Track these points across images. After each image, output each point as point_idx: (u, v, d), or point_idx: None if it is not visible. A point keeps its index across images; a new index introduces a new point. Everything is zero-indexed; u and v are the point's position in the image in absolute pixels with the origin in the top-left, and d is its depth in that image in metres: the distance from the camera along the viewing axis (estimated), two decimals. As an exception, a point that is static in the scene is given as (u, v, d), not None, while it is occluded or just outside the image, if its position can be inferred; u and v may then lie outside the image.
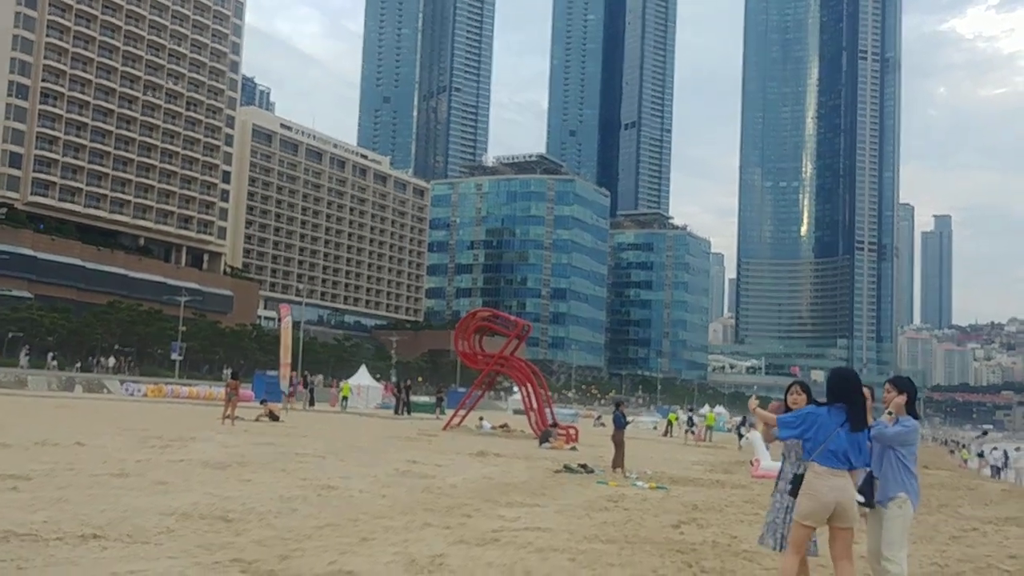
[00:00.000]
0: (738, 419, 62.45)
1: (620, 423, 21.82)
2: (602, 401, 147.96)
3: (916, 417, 7.07)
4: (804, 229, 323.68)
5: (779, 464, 21.53)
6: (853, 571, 6.37)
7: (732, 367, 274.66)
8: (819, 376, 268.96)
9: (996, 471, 45.64)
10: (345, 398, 52.36)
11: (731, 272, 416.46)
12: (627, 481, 18.94)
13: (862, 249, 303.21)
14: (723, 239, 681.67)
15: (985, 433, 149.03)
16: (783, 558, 6.55)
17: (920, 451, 34.35)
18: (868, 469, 6.76)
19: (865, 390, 6.71)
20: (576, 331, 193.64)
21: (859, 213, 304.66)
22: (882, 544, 6.78)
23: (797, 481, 6.54)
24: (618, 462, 21.09)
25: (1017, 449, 50.35)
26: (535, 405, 33.96)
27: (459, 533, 10.47)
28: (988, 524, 15.20)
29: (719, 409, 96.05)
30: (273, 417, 31.64)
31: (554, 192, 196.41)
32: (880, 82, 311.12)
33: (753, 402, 7.56)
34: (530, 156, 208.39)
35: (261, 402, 37.09)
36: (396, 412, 45.89)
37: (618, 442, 21.41)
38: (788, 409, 7.00)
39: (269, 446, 20.87)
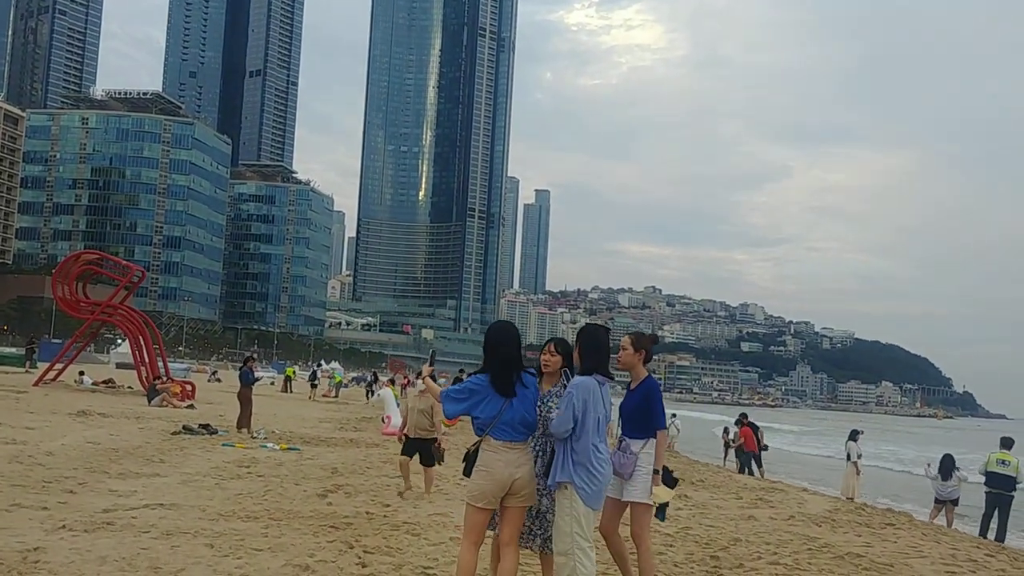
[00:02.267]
0: (354, 374, 62.50)
1: (248, 379, 20.12)
2: (217, 356, 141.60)
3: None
4: (422, 194, 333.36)
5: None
6: (517, 559, 5.47)
7: (348, 324, 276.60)
8: (429, 335, 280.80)
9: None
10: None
11: (351, 231, 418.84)
12: (255, 442, 17.41)
13: (473, 217, 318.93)
14: (344, 199, 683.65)
15: None
16: (461, 548, 5.52)
17: None
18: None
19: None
20: (190, 282, 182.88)
21: (472, 183, 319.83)
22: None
23: (469, 458, 5.63)
24: (244, 421, 19.45)
25: None
26: (146, 359, 30.74)
27: (60, 516, 8.48)
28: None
29: (334, 365, 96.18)
30: None
31: (171, 134, 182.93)
32: (496, 61, 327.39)
33: (427, 369, 6.48)
34: (145, 93, 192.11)
35: None
36: (-28, 366, 39.49)
37: (244, 399, 19.74)
38: (540, 373, 5.80)
39: None
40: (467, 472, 5.61)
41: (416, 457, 11.43)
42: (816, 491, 17.39)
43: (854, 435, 19.61)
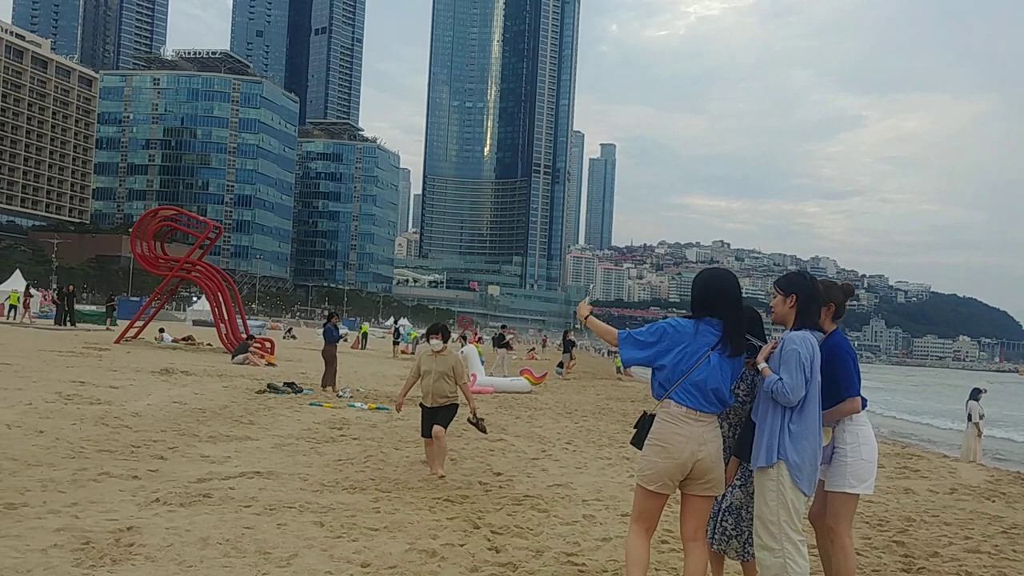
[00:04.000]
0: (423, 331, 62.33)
1: (332, 336, 19.43)
2: (289, 313, 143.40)
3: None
4: (487, 150, 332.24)
5: (500, 380, 19.70)
6: (706, 558, 4.50)
7: (416, 281, 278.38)
8: (495, 291, 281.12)
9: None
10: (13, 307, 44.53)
11: (417, 188, 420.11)
12: (342, 401, 16.72)
13: (539, 172, 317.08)
14: (410, 156, 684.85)
15: None
16: (629, 535, 4.49)
17: (589, 361, 34.76)
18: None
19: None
20: (261, 240, 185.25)
21: (537, 138, 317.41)
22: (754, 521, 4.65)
23: (642, 425, 4.52)
24: (329, 380, 18.81)
25: None
26: (226, 316, 30.41)
27: (152, 487, 7.72)
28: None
29: (403, 321, 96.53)
30: None
31: (240, 93, 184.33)
32: (561, 13, 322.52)
33: (584, 309, 4.95)
34: (214, 53, 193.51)
35: None
36: (57, 322, 39.78)
37: (329, 357, 19.08)
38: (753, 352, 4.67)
39: None
40: (637, 442, 4.53)
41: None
42: (955, 457, 16.02)
43: (976, 394, 18.02)
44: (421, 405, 9.51)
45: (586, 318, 4.88)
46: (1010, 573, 6.01)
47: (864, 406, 4.82)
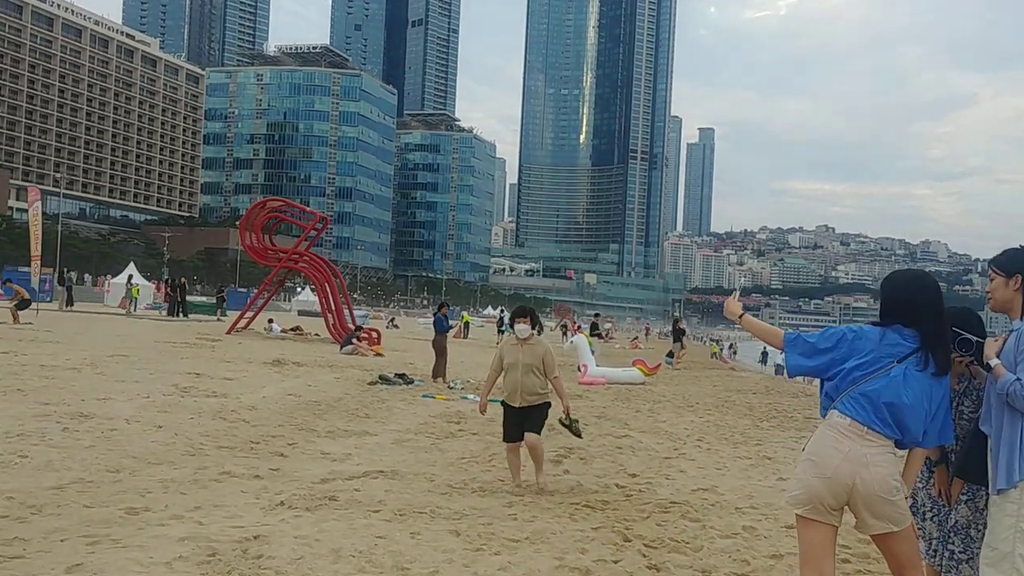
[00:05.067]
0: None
1: (442, 326, 19.08)
2: (390, 303, 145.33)
3: None
4: (583, 137, 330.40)
5: (613, 371, 18.72)
6: None
7: (512, 270, 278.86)
8: (592, 279, 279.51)
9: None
10: (134, 299, 45.88)
11: (512, 177, 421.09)
12: (454, 393, 16.29)
13: (635, 158, 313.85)
14: (505, 146, 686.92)
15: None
16: None
17: (691, 349, 32.97)
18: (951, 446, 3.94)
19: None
20: (362, 232, 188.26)
21: (633, 123, 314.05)
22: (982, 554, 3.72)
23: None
24: (440, 371, 18.41)
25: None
26: (333, 306, 30.47)
27: (275, 487, 7.33)
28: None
29: (501, 310, 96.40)
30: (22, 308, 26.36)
31: (339, 87, 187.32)
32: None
33: (736, 306, 4.27)
34: (314, 47, 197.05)
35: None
36: (170, 314, 40.73)
37: (440, 348, 18.70)
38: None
39: (4, 355, 16.37)
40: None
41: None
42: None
43: None
44: (504, 404, 8.02)
45: (740, 316, 4.16)
46: None
47: None
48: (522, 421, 7.81)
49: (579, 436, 8.74)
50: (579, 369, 21.32)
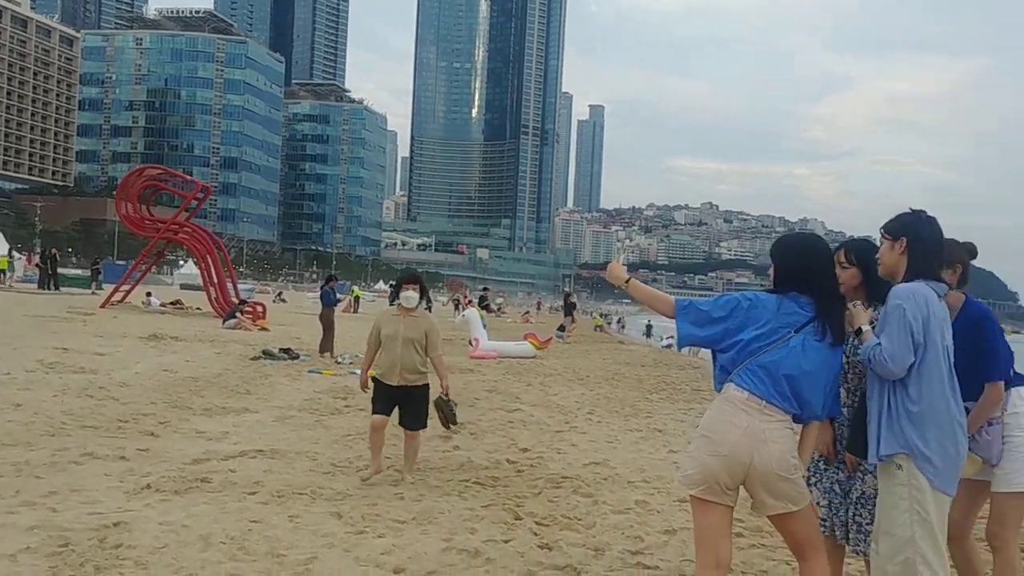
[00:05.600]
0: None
1: (330, 300, 18.53)
2: (277, 277, 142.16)
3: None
4: (475, 111, 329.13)
5: (505, 345, 18.57)
6: (825, 573, 3.47)
7: (404, 244, 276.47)
8: (484, 254, 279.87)
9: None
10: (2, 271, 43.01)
11: (404, 151, 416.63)
12: (342, 368, 15.82)
13: (527, 134, 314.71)
14: (397, 119, 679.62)
15: None
16: (698, 570, 3.42)
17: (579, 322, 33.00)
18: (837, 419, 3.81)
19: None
20: (248, 204, 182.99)
21: (525, 99, 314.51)
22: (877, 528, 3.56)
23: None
24: (327, 345, 17.89)
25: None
26: (216, 280, 29.35)
27: (142, 469, 6.84)
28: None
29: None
30: None
31: (224, 53, 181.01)
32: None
33: (621, 270, 3.80)
34: (197, 11, 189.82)
35: None
36: (40, 286, 38.58)
37: (327, 322, 18.16)
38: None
39: None
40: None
41: (395, 416, 7.09)
42: None
43: None
44: (377, 380, 7.04)
45: (627, 281, 3.74)
46: None
47: (1020, 383, 3.89)
48: (396, 398, 6.93)
49: (448, 425, 7.97)
50: (471, 343, 21.07)
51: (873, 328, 3.53)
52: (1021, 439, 3.75)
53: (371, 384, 7.18)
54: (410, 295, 7.03)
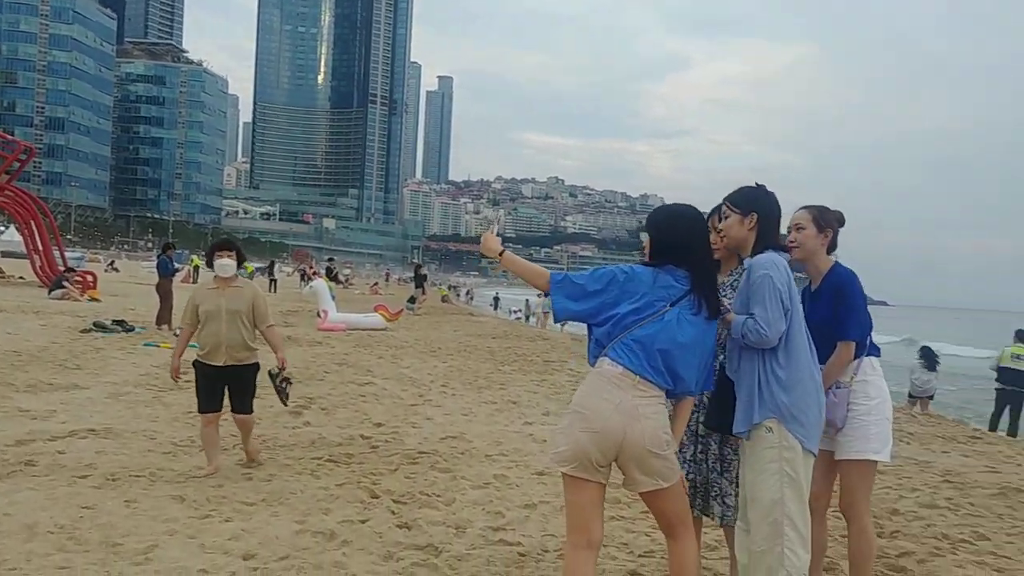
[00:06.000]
0: (258, 265, 60.62)
1: (167, 269, 17.62)
2: (109, 245, 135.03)
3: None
4: (321, 78, 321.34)
5: (354, 316, 18.29)
6: (696, 552, 3.45)
7: (246, 213, 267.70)
8: (331, 224, 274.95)
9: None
10: None
11: (246, 116, 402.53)
12: (181, 341, 15.02)
13: (375, 102, 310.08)
14: (238, 82, 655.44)
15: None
16: (566, 555, 3.33)
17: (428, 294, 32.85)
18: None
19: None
20: (76, 167, 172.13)
21: (373, 67, 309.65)
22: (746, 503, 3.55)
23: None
24: (164, 317, 17.02)
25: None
26: (40, 246, 27.43)
27: (-42, 453, 6.21)
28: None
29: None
30: None
31: (49, 7, 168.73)
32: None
33: (494, 242, 3.62)
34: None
35: None
36: None
37: (164, 293, 17.27)
38: None
39: None
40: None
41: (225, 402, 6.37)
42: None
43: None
44: (199, 364, 6.29)
45: (501, 253, 3.59)
46: (987, 530, 5.45)
47: (877, 353, 3.97)
48: (225, 387, 6.24)
49: (285, 400, 6.81)
50: (319, 315, 20.55)
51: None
52: (865, 408, 3.78)
53: (183, 372, 6.48)
54: (225, 263, 6.23)
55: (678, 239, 3.40)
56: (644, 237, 3.61)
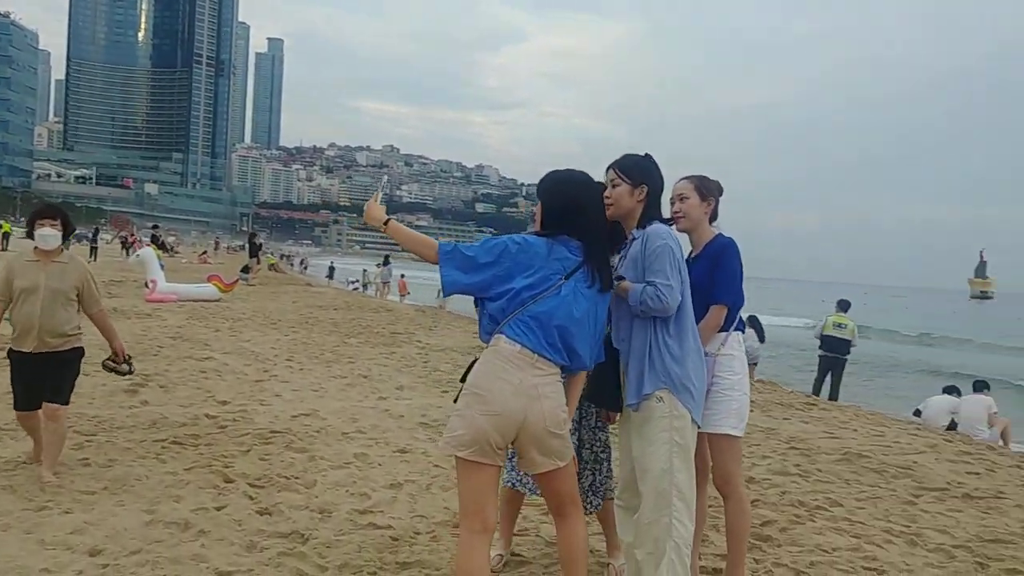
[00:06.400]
0: (77, 231, 56.95)
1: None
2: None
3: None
4: (142, 35, 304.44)
5: (186, 287, 17.53)
6: (585, 531, 3.38)
7: (60, 176, 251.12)
8: (153, 189, 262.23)
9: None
10: None
11: (59, 73, 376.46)
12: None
13: (200, 63, 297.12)
14: (50, 37, 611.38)
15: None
16: (460, 543, 3.17)
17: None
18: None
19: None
20: None
21: (199, 26, 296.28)
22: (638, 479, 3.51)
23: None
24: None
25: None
26: None
27: None
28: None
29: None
30: None
31: None
32: None
33: (379, 211, 3.63)
34: None
35: None
36: None
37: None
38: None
39: None
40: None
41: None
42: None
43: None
44: (12, 352, 5.40)
45: (386, 223, 3.51)
46: (839, 496, 5.69)
47: (741, 328, 3.99)
48: (41, 373, 5.27)
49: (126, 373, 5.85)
50: (147, 285, 19.46)
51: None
52: (729, 383, 3.78)
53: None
54: (47, 233, 5.30)
55: (570, 206, 3.29)
56: (534, 209, 3.50)
